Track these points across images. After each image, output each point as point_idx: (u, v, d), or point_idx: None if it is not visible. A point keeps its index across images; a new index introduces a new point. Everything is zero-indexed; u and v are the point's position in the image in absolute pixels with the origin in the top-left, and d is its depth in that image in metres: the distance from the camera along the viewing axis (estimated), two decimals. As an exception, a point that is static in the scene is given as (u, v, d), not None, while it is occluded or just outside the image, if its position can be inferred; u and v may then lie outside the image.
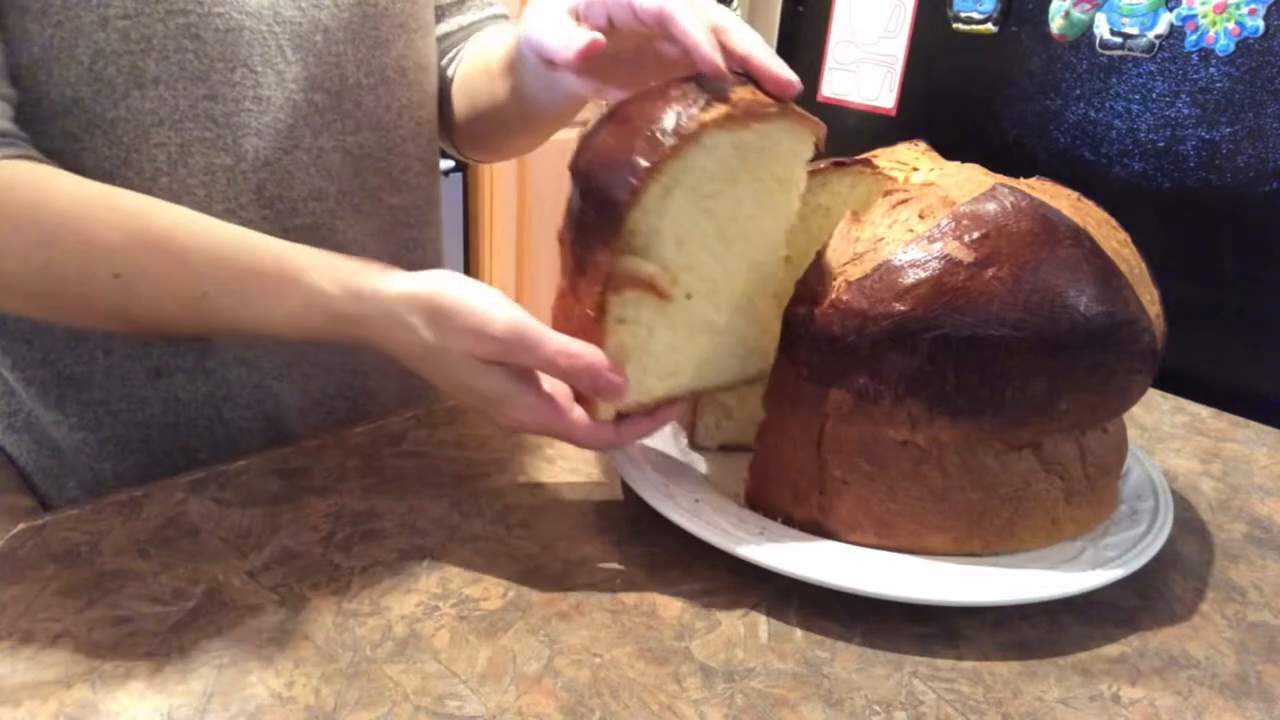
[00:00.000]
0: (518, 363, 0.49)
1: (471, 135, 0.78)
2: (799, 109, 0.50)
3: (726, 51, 0.49)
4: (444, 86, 0.76)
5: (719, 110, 0.47)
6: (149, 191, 0.56)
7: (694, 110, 0.47)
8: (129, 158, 0.55)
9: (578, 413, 0.51)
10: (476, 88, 0.73)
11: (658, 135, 0.47)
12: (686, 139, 0.47)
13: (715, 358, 0.54)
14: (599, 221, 0.49)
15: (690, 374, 0.54)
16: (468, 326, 0.48)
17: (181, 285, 0.51)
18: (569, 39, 0.50)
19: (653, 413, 0.53)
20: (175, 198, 0.56)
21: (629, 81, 0.55)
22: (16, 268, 0.50)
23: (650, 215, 0.48)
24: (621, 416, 0.53)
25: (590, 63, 0.51)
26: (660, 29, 0.49)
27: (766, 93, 0.49)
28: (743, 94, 0.48)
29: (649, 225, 0.48)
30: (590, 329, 0.50)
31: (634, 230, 0.48)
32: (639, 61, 0.56)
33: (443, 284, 0.50)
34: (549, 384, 0.51)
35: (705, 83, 0.49)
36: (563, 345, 0.48)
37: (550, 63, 0.53)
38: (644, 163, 0.46)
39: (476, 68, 0.73)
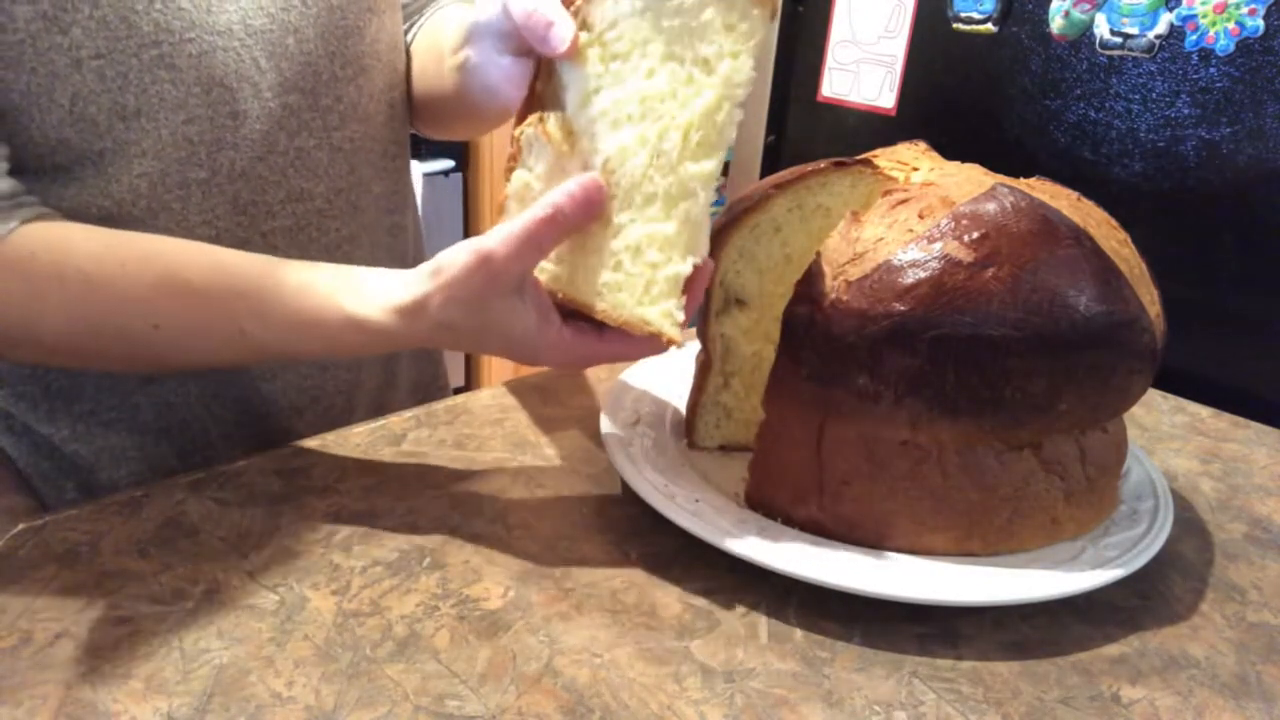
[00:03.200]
0: (528, 259, 0.48)
1: (419, 114, 0.77)
2: None
3: None
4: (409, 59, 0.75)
5: None
6: (129, 212, 0.56)
7: None
8: (109, 188, 0.55)
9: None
10: (426, 69, 0.72)
11: None
12: None
13: (594, 263, 0.50)
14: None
15: (568, 268, 0.51)
16: (472, 274, 0.47)
17: (218, 327, 0.51)
18: (562, 24, 0.49)
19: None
20: (153, 214, 0.56)
21: None
22: (54, 331, 0.50)
23: (567, 66, 0.51)
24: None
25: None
26: None
27: None
28: None
29: (563, 76, 0.51)
30: None
31: (553, 74, 0.52)
32: None
33: (436, 265, 0.49)
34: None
35: None
36: (545, 200, 0.48)
37: (528, 32, 0.51)
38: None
39: (427, 46, 0.72)
